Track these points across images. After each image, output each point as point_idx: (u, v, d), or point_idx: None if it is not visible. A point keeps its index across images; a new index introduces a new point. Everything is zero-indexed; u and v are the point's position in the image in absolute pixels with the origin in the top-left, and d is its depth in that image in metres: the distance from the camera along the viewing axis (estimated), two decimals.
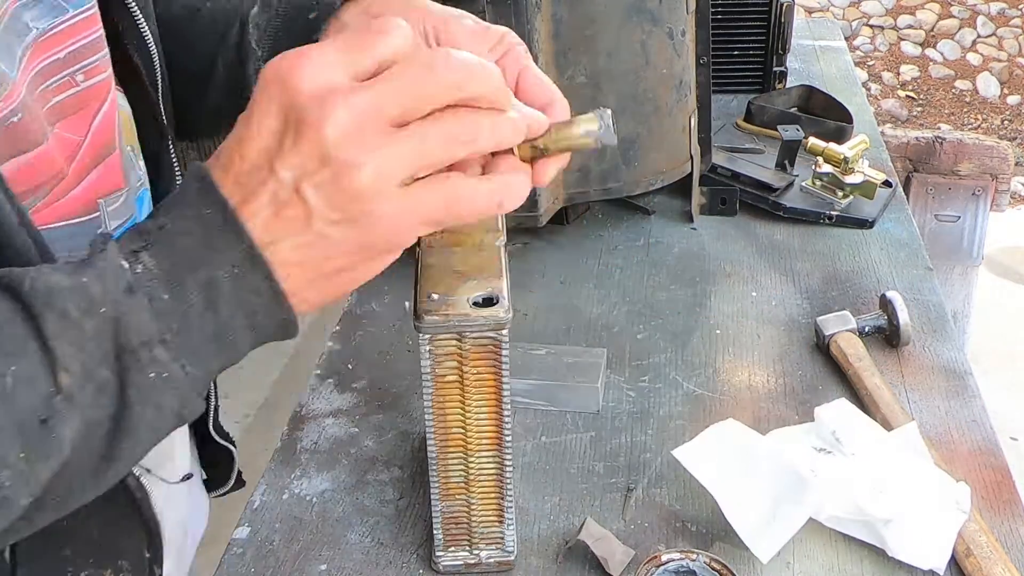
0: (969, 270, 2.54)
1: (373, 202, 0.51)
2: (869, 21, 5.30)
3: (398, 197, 0.52)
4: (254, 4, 0.78)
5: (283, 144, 0.51)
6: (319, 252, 0.53)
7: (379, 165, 0.51)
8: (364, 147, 0.51)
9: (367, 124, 0.51)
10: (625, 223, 1.46)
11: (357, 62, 0.52)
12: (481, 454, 0.83)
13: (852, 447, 0.93)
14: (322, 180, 0.51)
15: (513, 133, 0.55)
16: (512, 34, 0.67)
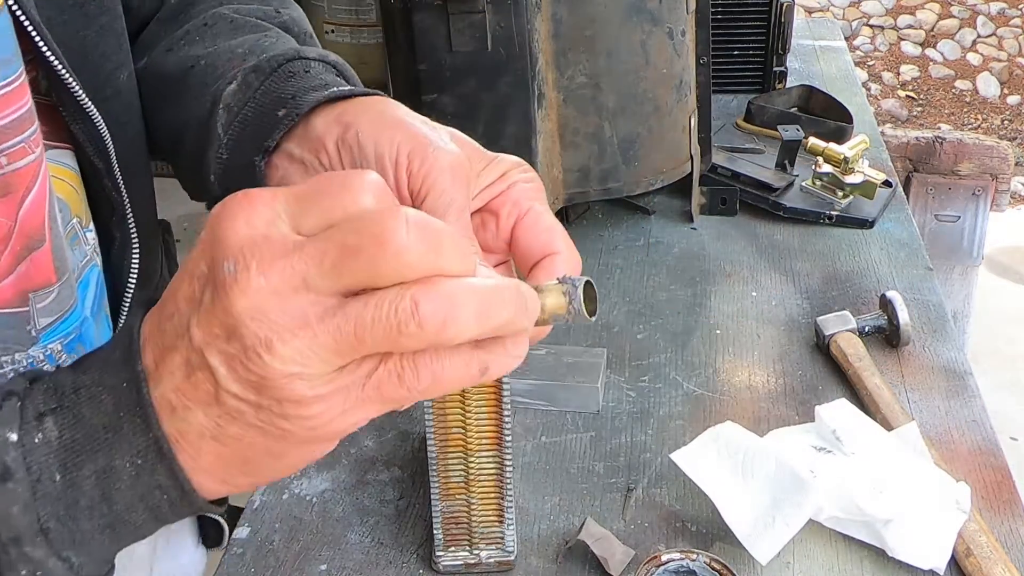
0: (969, 270, 2.54)
1: (289, 393, 0.43)
2: (869, 21, 5.30)
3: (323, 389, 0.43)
4: (232, 81, 0.67)
5: (203, 299, 0.44)
6: (237, 430, 0.45)
7: (296, 352, 0.42)
8: (279, 326, 0.42)
9: (289, 296, 0.42)
10: (625, 223, 1.46)
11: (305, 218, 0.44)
12: (481, 454, 0.83)
13: (852, 446, 0.93)
14: (229, 354, 0.43)
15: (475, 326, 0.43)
16: (523, 166, 0.59)
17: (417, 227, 0.42)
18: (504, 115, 1.24)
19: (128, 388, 0.46)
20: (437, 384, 0.44)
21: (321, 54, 0.68)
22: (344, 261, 0.42)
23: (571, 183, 1.31)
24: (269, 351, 0.42)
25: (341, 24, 4.76)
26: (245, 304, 0.42)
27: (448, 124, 1.34)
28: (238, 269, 0.42)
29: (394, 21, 1.26)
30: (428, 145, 0.55)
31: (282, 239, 0.43)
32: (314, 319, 0.42)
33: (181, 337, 0.44)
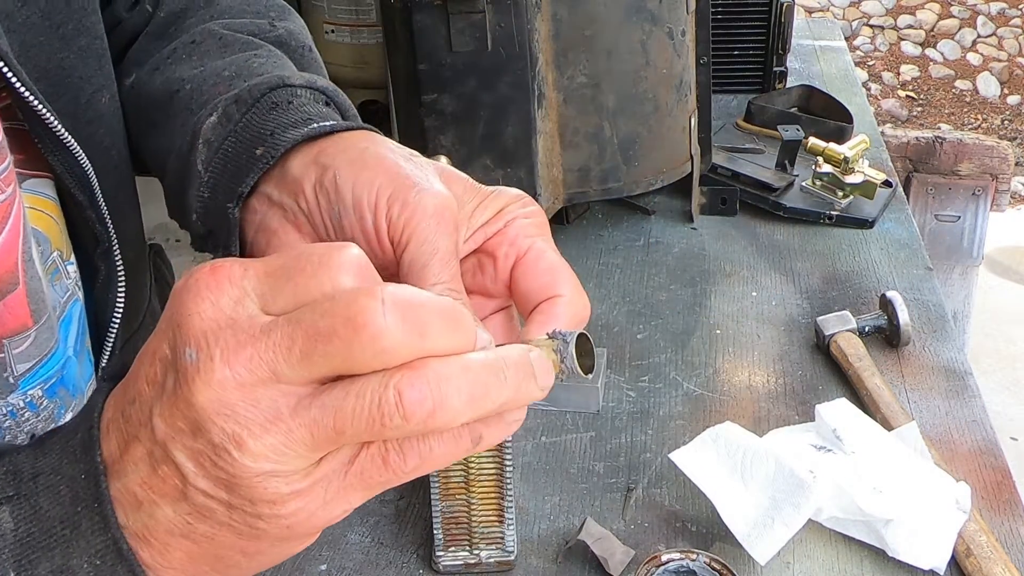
0: (969, 270, 2.54)
1: (262, 493, 0.39)
2: (869, 21, 5.30)
3: (300, 485, 0.40)
4: (212, 113, 0.61)
5: (165, 385, 0.40)
6: (207, 528, 0.41)
7: (269, 449, 0.38)
8: (248, 421, 0.38)
9: (257, 388, 0.38)
10: (625, 223, 1.46)
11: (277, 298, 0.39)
12: (481, 454, 0.83)
13: (853, 445, 0.93)
14: (196, 450, 0.39)
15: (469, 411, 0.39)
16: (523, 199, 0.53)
17: (397, 307, 0.37)
18: (504, 115, 1.24)
19: (87, 480, 0.42)
20: (425, 463, 0.41)
21: (309, 80, 0.63)
22: (315, 348, 0.38)
23: (571, 183, 1.31)
24: (239, 448, 0.38)
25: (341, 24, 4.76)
26: (209, 397, 0.38)
27: (448, 124, 1.35)
28: (200, 358, 0.38)
29: (394, 21, 1.26)
30: (411, 188, 0.50)
31: (249, 323, 0.39)
32: (287, 412, 0.38)
33: (144, 426, 0.41)
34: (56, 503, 0.42)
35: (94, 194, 0.65)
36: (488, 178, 1.25)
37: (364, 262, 0.40)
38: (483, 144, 1.25)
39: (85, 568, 0.42)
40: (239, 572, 0.44)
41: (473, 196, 0.53)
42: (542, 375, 0.41)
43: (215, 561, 0.43)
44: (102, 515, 0.42)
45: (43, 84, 0.62)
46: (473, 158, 1.25)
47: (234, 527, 0.41)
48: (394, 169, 0.51)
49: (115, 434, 0.42)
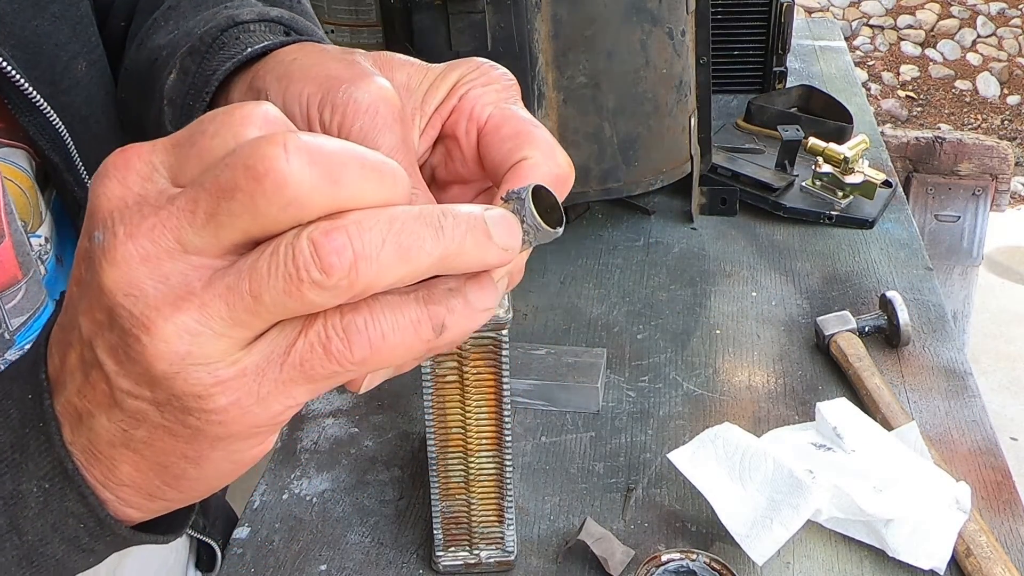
0: (969, 270, 2.54)
1: (183, 384, 0.35)
2: (869, 21, 5.30)
3: (225, 373, 0.35)
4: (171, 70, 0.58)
5: (83, 279, 0.36)
6: (144, 434, 0.38)
7: (175, 332, 0.34)
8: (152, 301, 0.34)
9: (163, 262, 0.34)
10: (625, 223, 1.46)
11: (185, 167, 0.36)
12: (481, 454, 0.83)
13: (853, 444, 0.93)
14: (111, 343, 0.36)
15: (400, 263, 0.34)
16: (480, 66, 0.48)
17: (303, 151, 0.33)
18: None
19: (33, 400, 0.40)
20: (376, 353, 0.35)
21: (261, 13, 0.59)
22: (219, 207, 0.33)
23: None
24: (149, 332, 0.34)
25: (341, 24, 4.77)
26: (115, 277, 0.34)
27: None
28: (106, 238, 0.35)
29: (394, 21, 1.26)
30: (339, 88, 0.44)
31: (156, 197, 0.35)
32: (199, 286, 0.34)
33: (73, 329, 0.38)
34: (6, 427, 0.40)
35: (70, 156, 0.63)
36: None
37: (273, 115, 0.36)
38: None
39: (35, 492, 0.40)
40: (192, 484, 0.40)
41: (423, 79, 0.48)
42: (501, 232, 0.36)
43: (162, 471, 0.39)
44: (47, 434, 0.39)
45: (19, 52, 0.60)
46: None
47: (168, 428, 0.37)
48: (322, 73, 0.46)
49: (55, 347, 0.40)
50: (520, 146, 0.44)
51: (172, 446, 0.38)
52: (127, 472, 0.40)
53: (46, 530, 0.41)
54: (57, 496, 0.40)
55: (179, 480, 0.40)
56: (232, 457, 0.39)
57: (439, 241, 0.35)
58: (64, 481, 0.40)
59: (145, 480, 0.40)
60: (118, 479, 0.40)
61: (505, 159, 0.44)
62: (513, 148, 0.44)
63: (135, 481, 0.40)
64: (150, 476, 0.40)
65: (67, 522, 0.40)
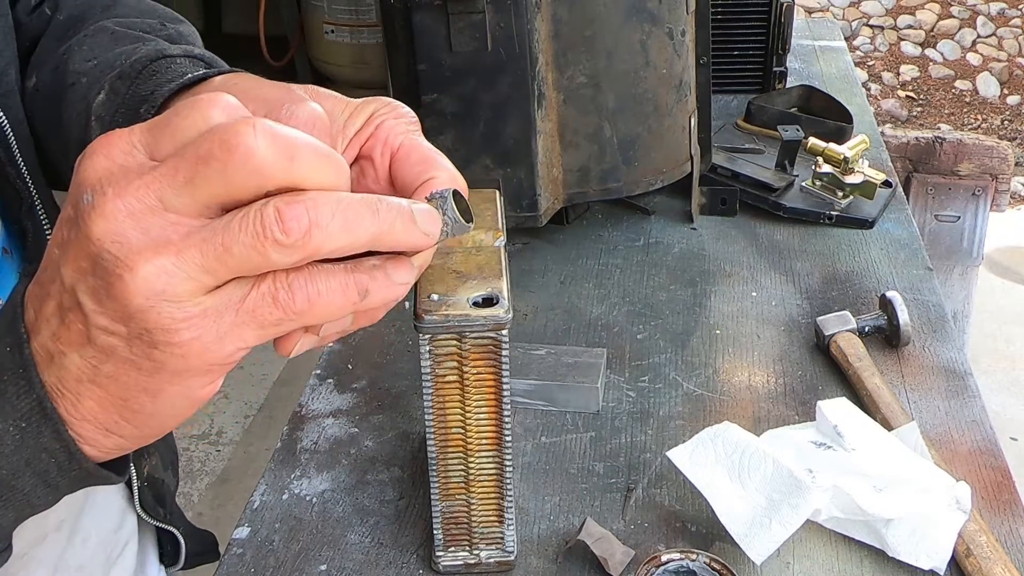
0: (969, 270, 2.54)
1: (156, 317, 0.42)
2: (869, 21, 5.30)
3: (192, 310, 0.42)
4: (100, 91, 0.66)
5: (68, 239, 0.43)
6: (111, 368, 0.44)
7: (154, 271, 0.41)
8: (140, 245, 0.41)
9: (147, 216, 0.41)
10: (625, 223, 1.46)
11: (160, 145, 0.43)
12: (481, 454, 0.83)
13: (853, 442, 0.93)
14: (93, 285, 0.42)
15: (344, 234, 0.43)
16: (391, 104, 0.56)
17: (268, 133, 0.41)
18: (504, 115, 1.24)
19: (11, 351, 0.45)
20: (313, 307, 0.44)
21: (186, 50, 0.67)
22: (197, 172, 0.41)
23: (571, 183, 1.31)
24: (131, 271, 0.41)
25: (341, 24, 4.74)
26: (103, 227, 0.41)
27: (448, 124, 1.34)
28: (95, 197, 0.42)
29: (394, 21, 1.26)
30: (278, 108, 0.52)
31: (139, 167, 0.42)
32: (176, 237, 0.41)
33: (53, 282, 0.44)
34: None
35: (11, 150, 0.68)
36: (488, 178, 1.25)
37: (234, 104, 0.44)
38: (483, 144, 1.25)
39: (11, 432, 0.45)
40: (147, 419, 0.46)
41: (344, 109, 0.56)
42: (424, 220, 0.46)
43: (122, 405, 0.45)
44: (27, 379, 0.45)
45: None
46: (473, 158, 1.25)
47: (134, 362, 0.43)
48: (263, 95, 0.54)
49: (31, 302, 0.46)
50: (428, 169, 0.53)
51: (135, 380, 0.44)
52: (90, 407, 0.45)
53: (20, 465, 0.46)
54: (33, 434, 0.45)
55: (136, 415, 0.46)
56: (186, 393, 0.45)
57: (375, 220, 0.44)
58: (42, 419, 0.45)
59: (105, 415, 0.46)
60: (80, 414, 0.46)
61: (416, 178, 0.53)
62: (423, 170, 0.53)
63: (96, 416, 0.46)
64: (110, 411, 0.46)
65: (40, 457, 0.46)
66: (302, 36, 4.31)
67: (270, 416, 2.90)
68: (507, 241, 0.84)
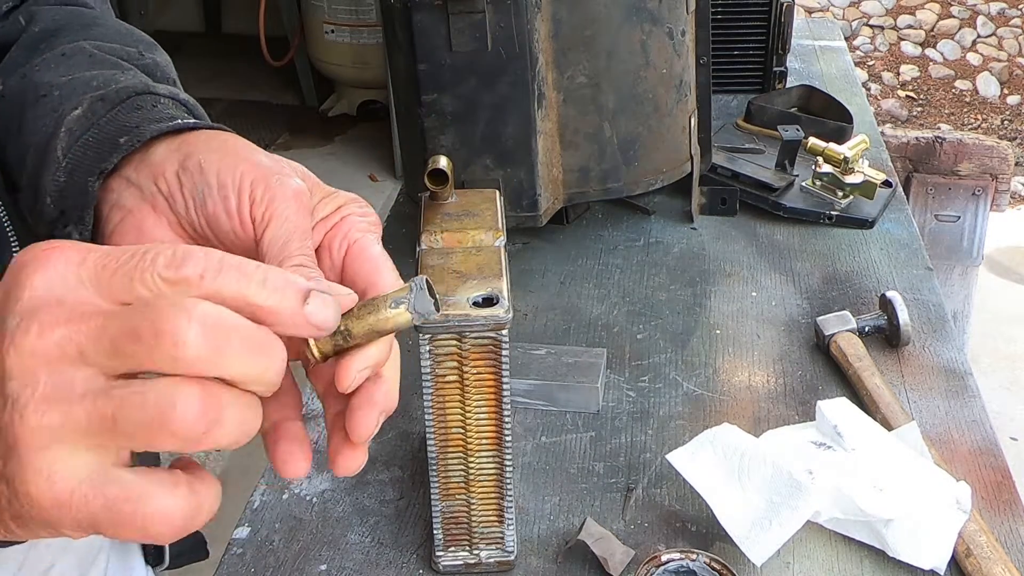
0: (969, 270, 2.54)
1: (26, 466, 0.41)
2: (869, 21, 5.30)
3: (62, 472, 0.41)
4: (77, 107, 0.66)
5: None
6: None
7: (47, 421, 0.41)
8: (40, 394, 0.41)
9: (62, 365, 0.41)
10: (625, 223, 1.46)
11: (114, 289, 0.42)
12: (481, 454, 0.83)
13: (853, 442, 0.93)
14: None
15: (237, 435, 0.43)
16: (359, 202, 0.58)
17: (202, 323, 0.40)
18: (504, 115, 1.24)
19: None
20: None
21: (172, 92, 0.68)
22: (121, 341, 0.41)
23: (571, 183, 1.31)
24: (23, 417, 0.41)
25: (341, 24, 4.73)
26: (15, 362, 0.41)
27: (448, 124, 1.34)
28: (21, 326, 0.41)
29: (394, 21, 1.26)
30: (271, 175, 0.55)
31: (73, 305, 0.42)
32: (78, 393, 0.41)
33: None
34: None
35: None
36: (488, 178, 1.25)
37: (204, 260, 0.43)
38: (483, 144, 1.25)
39: None
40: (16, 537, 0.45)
41: (318, 192, 0.57)
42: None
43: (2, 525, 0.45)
44: None
45: None
46: (473, 158, 1.25)
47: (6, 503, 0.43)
48: (255, 159, 0.56)
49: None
50: (375, 271, 0.55)
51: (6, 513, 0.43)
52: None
53: None
54: None
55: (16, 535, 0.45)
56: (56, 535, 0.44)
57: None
58: None
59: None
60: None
61: (363, 277, 0.55)
62: (371, 271, 0.55)
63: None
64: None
65: None
66: (302, 36, 4.31)
67: None
68: (507, 241, 0.84)
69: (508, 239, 0.85)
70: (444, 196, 0.88)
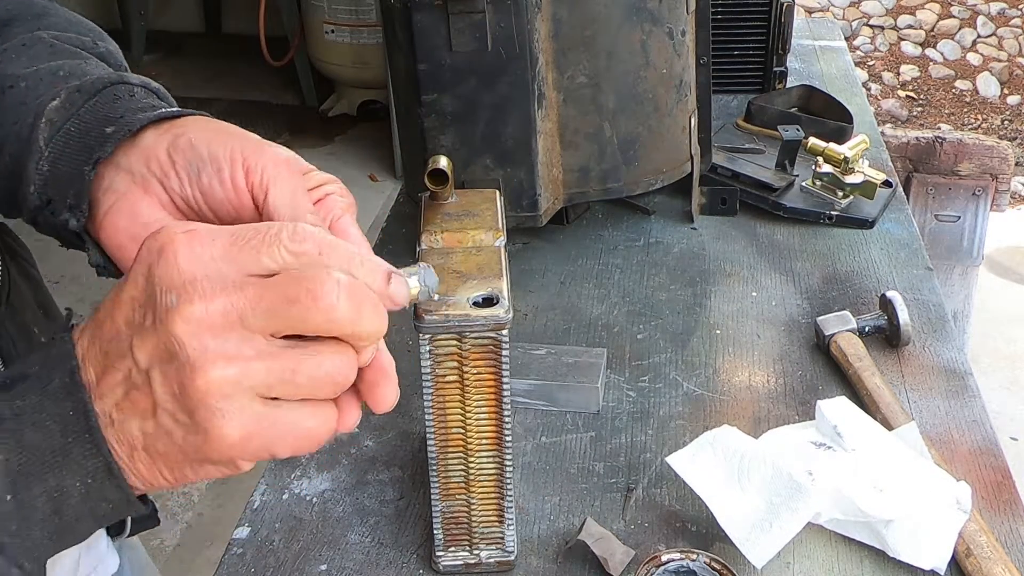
0: (969, 270, 2.54)
1: (214, 413, 0.48)
2: (869, 21, 5.30)
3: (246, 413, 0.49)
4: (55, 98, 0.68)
5: (144, 322, 0.49)
6: (160, 446, 0.50)
7: (227, 375, 0.47)
8: (218, 352, 0.47)
9: (226, 330, 0.48)
10: (625, 223, 1.46)
11: (245, 263, 0.49)
12: (481, 454, 0.83)
13: (853, 442, 0.93)
14: (168, 374, 0.48)
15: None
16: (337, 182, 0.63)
17: (346, 291, 0.48)
18: (504, 115, 1.24)
19: (75, 416, 0.50)
20: None
21: (143, 81, 0.71)
22: (280, 307, 0.48)
23: (571, 183, 1.31)
24: (204, 375, 0.47)
25: (341, 24, 4.73)
26: (186, 330, 0.47)
27: (448, 124, 1.34)
28: (181, 301, 0.47)
29: (394, 21, 1.26)
30: (260, 144, 0.59)
31: (221, 280, 0.48)
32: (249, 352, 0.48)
33: (123, 358, 0.49)
34: (46, 436, 0.49)
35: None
36: (488, 178, 1.25)
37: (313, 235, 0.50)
38: (483, 144, 1.25)
39: (77, 487, 0.50)
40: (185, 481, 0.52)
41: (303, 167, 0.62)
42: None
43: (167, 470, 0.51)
44: (94, 443, 0.50)
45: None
46: (473, 158, 1.25)
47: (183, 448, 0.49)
48: (242, 133, 0.62)
49: (92, 366, 0.50)
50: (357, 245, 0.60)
51: (182, 458, 0.50)
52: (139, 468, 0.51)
53: (83, 512, 0.51)
54: (98, 488, 0.51)
55: (180, 479, 0.52)
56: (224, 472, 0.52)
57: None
58: (107, 477, 0.50)
59: (151, 474, 0.51)
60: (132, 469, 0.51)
61: None
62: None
63: (142, 473, 0.51)
64: (155, 472, 0.51)
65: (101, 506, 0.51)
66: (302, 36, 4.31)
67: None
68: (507, 241, 0.84)
69: (508, 239, 0.85)
70: (444, 196, 0.88)
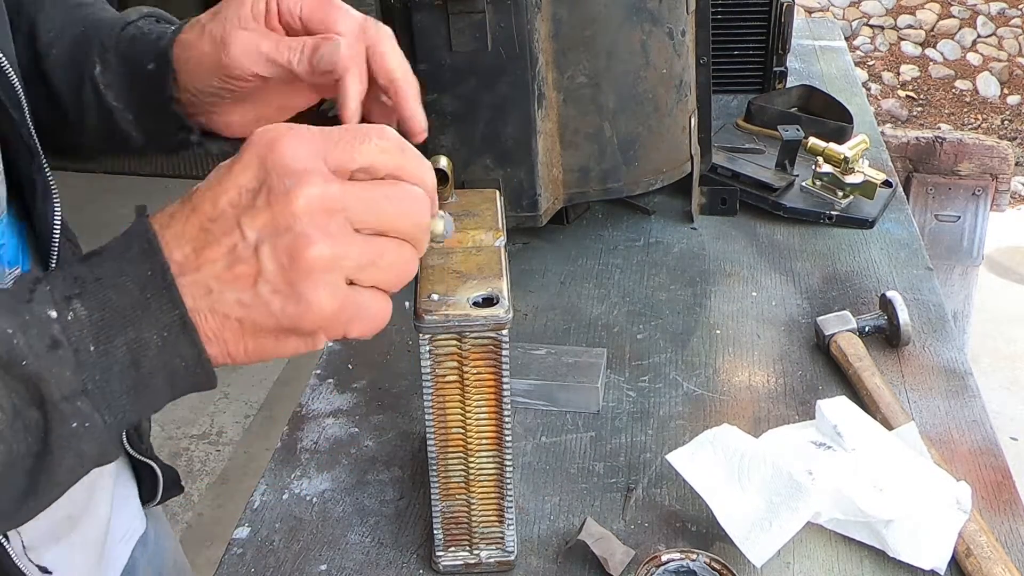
0: (969, 270, 2.54)
1: (316, 285, 0.54)
2: (869, 21, 5.30)
3: (339, 289, 0.55)
4: (95, 65, 0.80)
5: (255, 203, 0.54)
6: (256, 315, 0.55)
7: (334, 252, 0.54)
8: (325, 230, 0.53)
9: (333, 213, 0.54)
10: (625, 223, 1.46)
11: (340, 160, 0.55)
12: (481, 454, 0.83)
13: (853, 442, 0.93)
14: (279, 246, 0.53)
15: None
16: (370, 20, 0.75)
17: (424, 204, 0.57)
18: (504, 115, 1.24)
19: (153, 276, 0.54)
20: None
21: (139, 11, 0.81)
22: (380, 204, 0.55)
23: (571, 183, 1.31)
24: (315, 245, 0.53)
25: None
26: (304, 206, 0.53)
27: (448, 124, 1.34)
28: (300, 183, 0.53)
29: (394, 21, 1.26)
30: None
31: (322, 172, 0.54)
32: (348, 237, 0.54)
33: (228, 234, 0.54)
34: (125, 295, 0.53)
35: (23, 110, 0.74)
36: (488, 178, 1.25)
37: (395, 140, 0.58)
38: (483, 144, 1.25)
39: (155, 339, 0.54)
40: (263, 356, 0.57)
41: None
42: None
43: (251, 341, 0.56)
44: (171, 298, 0.54)
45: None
46: (473, 158, 1.25)
47: (278, 317, 0.54)
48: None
49: (189, 243, 0.54)
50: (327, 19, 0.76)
51: (272, 329, 0.55)
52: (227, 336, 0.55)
53: (158, 366, 0.54)
54: (173, 342, 0.54)
55: (259, 352, 0.56)
56: (303, 345, 0.57)
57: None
58: (182, 331, 0.54)
59: (235, 344, 0.56)
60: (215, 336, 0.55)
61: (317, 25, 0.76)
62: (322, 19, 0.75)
63: (226, 342, 0.55)
64: (239, 343, 0.56)
65: (174, 361, 0.55)
66: None
67: (270, 416, 2.90)
68: (507, 241, 0.84)
69: (508, 239, 0.85)
70: (444, 196, 0.88)
